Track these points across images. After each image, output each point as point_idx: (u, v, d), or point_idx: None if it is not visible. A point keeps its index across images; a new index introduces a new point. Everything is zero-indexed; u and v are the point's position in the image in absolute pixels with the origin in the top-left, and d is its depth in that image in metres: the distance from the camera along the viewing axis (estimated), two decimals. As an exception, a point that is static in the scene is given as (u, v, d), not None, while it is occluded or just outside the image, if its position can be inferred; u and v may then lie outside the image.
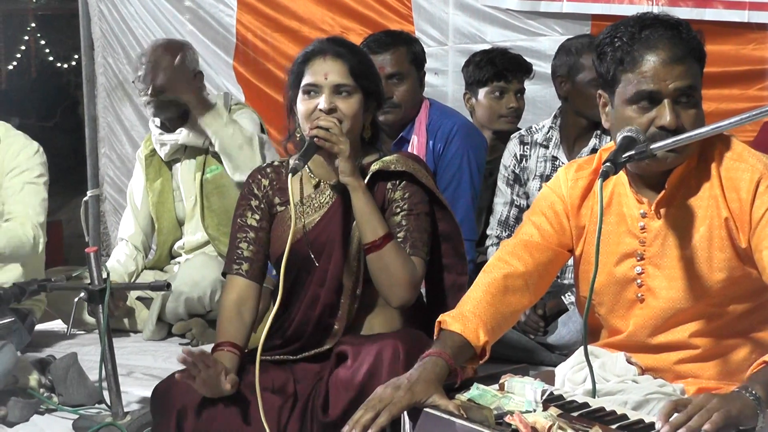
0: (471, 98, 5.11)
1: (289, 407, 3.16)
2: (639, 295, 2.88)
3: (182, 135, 5.00)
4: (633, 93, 2.74)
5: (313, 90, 3.26)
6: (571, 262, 3.12)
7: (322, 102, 3.23)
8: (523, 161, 4.70)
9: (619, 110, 2.78)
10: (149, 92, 4.91)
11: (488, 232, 4.77)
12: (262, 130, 5.03)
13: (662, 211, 2.82)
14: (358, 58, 3.33)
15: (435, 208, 3.42)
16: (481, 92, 5.06)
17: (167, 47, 4.98)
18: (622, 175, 2.85)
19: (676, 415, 2.32)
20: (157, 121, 5.11)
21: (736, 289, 2.79)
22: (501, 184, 4.77)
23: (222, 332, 3.29)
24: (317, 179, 3.38)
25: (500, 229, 4.71)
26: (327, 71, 3.26)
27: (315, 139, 3.17)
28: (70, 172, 4.84)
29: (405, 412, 2.56)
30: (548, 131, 4.65)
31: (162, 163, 5.19)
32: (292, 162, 3.18)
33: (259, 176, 3.47)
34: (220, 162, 5.01)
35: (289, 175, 3.10)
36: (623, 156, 2.65)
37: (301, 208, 3.36)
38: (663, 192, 2.80)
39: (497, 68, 5.01)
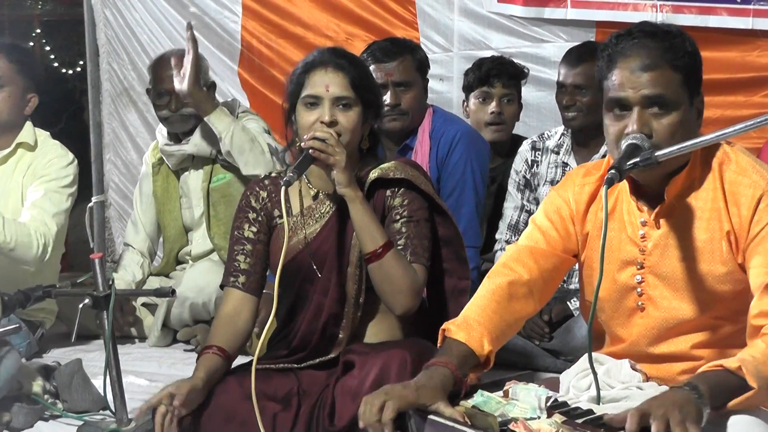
0: (467, 105, 5.13)
1: (293, 415, 3.16)
2: (639, 303, 2.87)
3: (189, 145, 4.99)
4: (606, 101, 2.79)
5: (313, 101, 3.26)
6: (577, 266, 3.12)
7: (324, 114, 3.23)
8: (534, 167, 4.71)
9: (603, 118, 2.81)
10: (172, 106, 4.92)
11: (497, 236, 4.78)
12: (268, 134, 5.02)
13: (662, 221, 2.82)
14: (359, 70, 3.34)
15: (434, 213, 3.42)
16: (471, 98, 5.08)
17: (182, 57, 4.98)
18: (625, 181, 2.84)
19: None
20: (164, 130, 5.10)
21: (741, 301, 2.76)
22: (512, 188, 4.78)
23: (211, 338, 3.32)
24: (316, 190, 3.38)
25: (510, 234, 4.72)
26: (328, 83, 3.26)
27: (311, 150, 3.18)
28: (75, 178, 4.86)
29: (412, 420, 2.56)
30: (560, 137, 4.67)
31: (169, 172, 5.18)
32: (286, 174, 3.19)
33: (257, 188, 3.47)
34: (228, 171, 5.01)
35: (283, 187, 3.11)
36: (628, 163, 2.65)
37: (302, 219, 3.36)
38: (662, 203, 2.79)
39: (481, 73, 5.02)
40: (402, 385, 2.62)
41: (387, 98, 4.50)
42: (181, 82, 4.71)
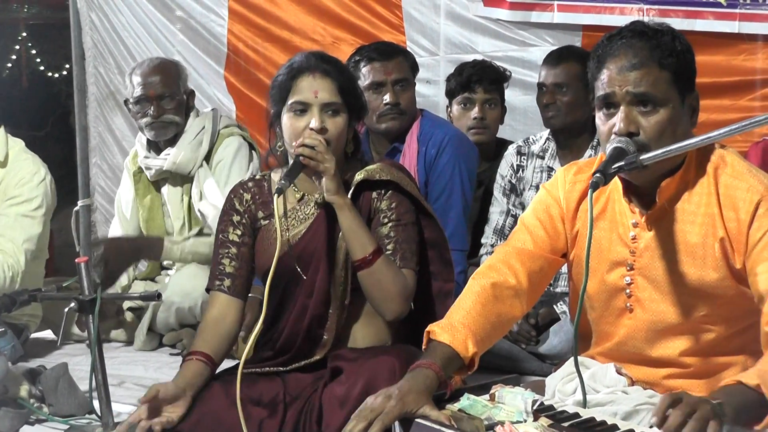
0: (450, 111, 5.14)
1: (279, 421, 3.15)
2: (628, 304, 2.87)
3: (168, 162, 4.93)
4: (596, 100, 2.79)
5: (302, 108, 3.26)
6: (564, 269, 3.11)
7: (313, 121, 3.22)
8: (520, 171, 4.71)
9: (595, 119, 2.81)
10: (154, 112, 4.85)
11: (483, 240, 4.78)
12: (252, 148, 4.99)
13: (654, 223, 2.81)
14: (345, 76, 3.34)
15: (420, 216, 3.42)
16: (453, 104, 5.09)
17: (161, 65, 4.97)
18: (617, 181, 2.84)
19: (670, 411, 2.33)
20: (143, 139, 5.05)
21: (730, 308, 2.78)
22: (497, 193, 4.78)
23: (196, 343, 3.31)
24: (301, 192, 3.37)
25: (495, 238, 4.72)
26: (317, 89, 3.25)
27: (300, 157, 3.17)
28: (60, 181, 4.80)
29: (396, 423, 2.56)
30: (545, 142, 4.67)
31: (150, 181, 5.13)
32: (276, 179, 3.17)
33: (241, 191, 3.46)
34: None
35: (275, 195, 3.10)
36: (613, 167, 2.65)
37: (286, 221, 3.34)
38: (654, 206, 2.79)
39: (462, 79, 5.03)
40: (386, 395, 2.59)
41: (386, 98, 4.55)
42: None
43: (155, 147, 5.04)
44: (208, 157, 4.94)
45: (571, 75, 4.45)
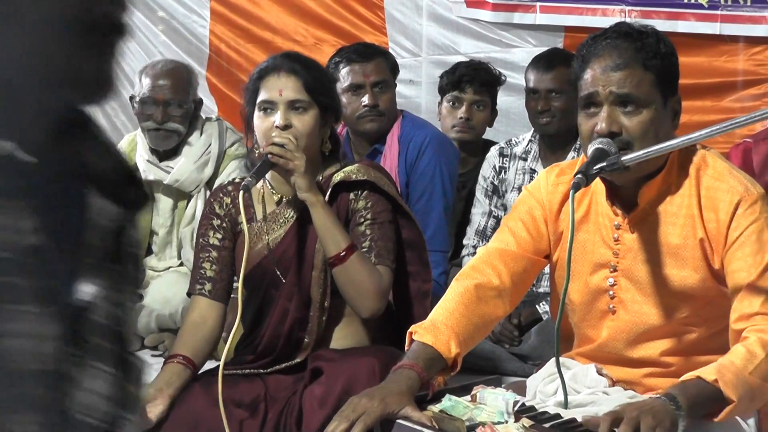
0: (440, 107, 5.14)
1: (260, 421, 3.14)
2: (611, 306, 2.86)
3: (170, 178, 4.83)
4: (579, 99, 2.78)
5: (268, 107, 3.26)
6: (547, 269, 3.11)
7: (277, 118, 3.23)
8: (502, 173, 4.70)
9: (578, 118, 2.81)
10: (159, 117, 4.69)
11: (465, 242, 4.77)
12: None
13: (636, 225, 2.81)
14: (313, 74, 3.33)
15: (398, 216, 3.42)
16: (444, 101, 5.09)
17: (174, 70, 4.88)
18: (600, 183, 2.84)
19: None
20: (144, 140, 4.91)
21: (711, 309, 2.77)
22: (479, 194, 4.77)
23: (176, 347, 3.32)
24: (279, 195, 3.37)
25: (477, 239, 4.71)
26: (281, 87, 3.25)
27: (269, 156, 3.17)
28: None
29: (378, 424, 2.56)
30: (528, 144, 4.66)
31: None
32: (245, 179, 3.18)
33: (221, 195, 3.45)
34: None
35: (242, 191, 3.10)
36: (594, 168, 2.65)
37: (265, 224, 3.35)
38: (636, 208, 2.79)
39: (454, 77, 5.03)
40: (368, 396, 2.58)
41: (365, 99, 4.54)
42: None
43: (156, 152, 4.90)
44: (210, 178, 4.88)
45: (563, 80, 4.44)
